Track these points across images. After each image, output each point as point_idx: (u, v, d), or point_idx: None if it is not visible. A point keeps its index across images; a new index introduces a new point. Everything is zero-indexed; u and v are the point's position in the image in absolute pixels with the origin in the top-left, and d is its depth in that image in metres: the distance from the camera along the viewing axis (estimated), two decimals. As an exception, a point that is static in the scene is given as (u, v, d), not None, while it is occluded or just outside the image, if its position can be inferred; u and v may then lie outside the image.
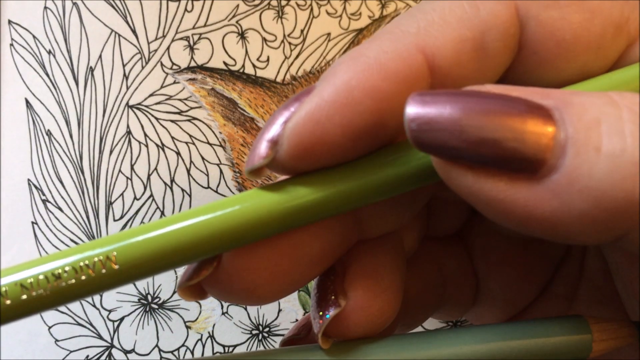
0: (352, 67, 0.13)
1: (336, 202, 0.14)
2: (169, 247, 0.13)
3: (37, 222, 0.28)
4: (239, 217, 0.13)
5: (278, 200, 0.14)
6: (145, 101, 0.29)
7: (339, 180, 0.14)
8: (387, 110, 0.13)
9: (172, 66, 0.30)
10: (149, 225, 0.13)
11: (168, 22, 0.30)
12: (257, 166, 0.14)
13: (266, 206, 0.14)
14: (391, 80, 0.13)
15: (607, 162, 0.11)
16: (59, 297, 0.13)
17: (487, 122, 0.12)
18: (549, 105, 0.12)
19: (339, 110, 0.13)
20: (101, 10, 0.29)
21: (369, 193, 0.14)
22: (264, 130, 0.14)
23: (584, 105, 0.12)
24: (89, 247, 0.13)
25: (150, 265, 0.13)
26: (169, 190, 0.29)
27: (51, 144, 0.29)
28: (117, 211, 0.29)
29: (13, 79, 0.29)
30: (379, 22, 0.32)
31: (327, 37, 0.31)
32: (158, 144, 0.29)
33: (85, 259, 0.13)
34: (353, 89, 0.13)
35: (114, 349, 0.28)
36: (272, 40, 0.31)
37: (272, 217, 0.14)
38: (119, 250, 0.13)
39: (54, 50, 0.29)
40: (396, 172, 0.14)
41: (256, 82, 0.30)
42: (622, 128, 0.11)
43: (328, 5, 0.31)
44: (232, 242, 0.14)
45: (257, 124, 0.30)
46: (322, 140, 0.13)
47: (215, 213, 0.13)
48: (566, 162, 0.11)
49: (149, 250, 0.13)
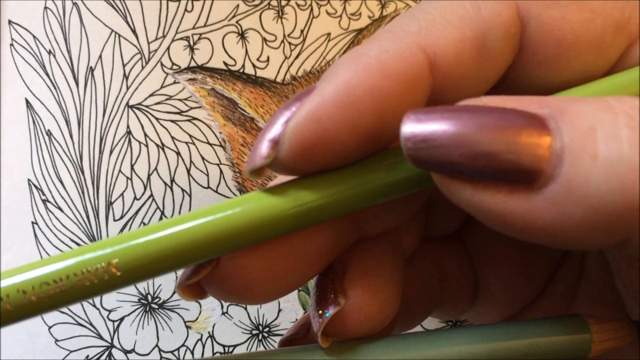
0: (353, 67, 0.13)
1: (337, 207, 0.14)
2: (171, 250, 0.13)
3: (37, 222, 0.28)
4: (239, 221, 0.13)
5: (279, 204, 0.14)
6: (145, 101, 0.29)
7: (340, 184, 0.14)
8: (388, 109, 0.13)
9: (172, 66, 0.30)
10: (149, 227, 0.13)
11: (168, 22, 0.30)
12: (258, 166, 0.14)
13: (267, 210, 0.14)
14: (392, 80, 0.13)
15: (604, 168, 0.11)
16: (60, 301, 0.13)
17: (482, 136, 0.12)
18: (544, 115, 0.12)
19: (340, 109, 0.13)
20: (101, 11, 0.30)
21: (370, 197, 0.14)
22: (265, 130, 0.14)
23: (579, 112, 0.12)
24: (91, 249, 0.13)
25: (151, 269, 0.13)
26: (169, 190, 0.29)
27: (51, 144, 0.29)
28: (117, 211, 0.29)
29: (13, 79, 0.29)
30: (378, 22, 0.32)
31: (327, 37, 0.31)
32: (158, 144, 0.29)
33: (87, 264, 0.13)
34: (354, 88, 0.13)
35: (114, 349, 0.28)
36: (272, 40, 0.31)
37: (272, 221, 0.14)
38: (120, 256, 0.13)
39: (54, 50, 0.29)
40: (396, 176, 0.14)
41: (256, 82, 0.30)
42: (619, 133, 0.11)
43: (328, 6, 0.31)
44: (231, 245, 0.14)
45: (257, 124, 0.30)
46: (323, 140, 0.13)
47: (216, 215, 0.13)
48: (563, 171, 0.11)
49: (151, 254, 0.13)
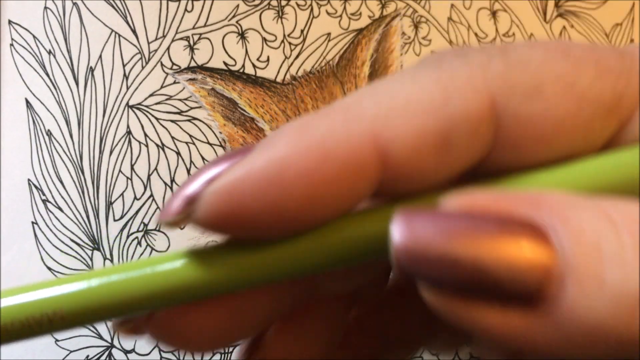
0: (293, 142, 0.12)
1: (271, 275, 0.13)
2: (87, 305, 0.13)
3: (37, 222, 0.28)
4: (171, 279, 0.13)
5: (213, 268, 0.13)
6: (146, 101, 0.29)
7: (279, 252, 0.13)
8: (322, 195, 0.12)
9: (172, 66, 0.30)
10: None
11: (168, 22, 0.30)
12: (169, 221, 0.13)
13: (197, 272, 0.13)
14: (331, 166, 0.12)
15: (611, 297, 0.10)
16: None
17: (478, 251, 0.11)
18: (544, 225, 0.11)
19: (265, 188, 0.12)
20: (101, 11, 0.30)
21: (303, 271, 0.13)
22: (185, 183, 0.13)
23: (582, 224, 0.11)
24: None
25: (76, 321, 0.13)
26: (169, 190, 0.29)
27: (51, 144, 0.29)
28: (117, 211, 0.29)
29: (13, 79, 0.29)
30: (379, 22, 0.32)
31: (327, 37, 0.31)
32: (158, 144, 0.29)
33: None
34: (287, 169, 0.12)
35: (114, 349, 0.28)
36: (272, 40, 0.31)
37: (202, 285, 0.13)
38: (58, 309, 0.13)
39: (54, 50, 0.29)
40: (331, 251, 0.13)
41: (256, 82, 0.30)
42: (624, 256, 0.10)
43: (328, 5, 0.31)
44: (157, 304, 0.13)
45: (257, 124, 0.30)
46: (240, 215, 0.12)
47: (131, 274, 0.13)
48: (566, 294, 0.10)
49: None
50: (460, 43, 0.33)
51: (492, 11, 0.33)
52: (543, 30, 0.34)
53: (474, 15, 0.33)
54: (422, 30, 0.33)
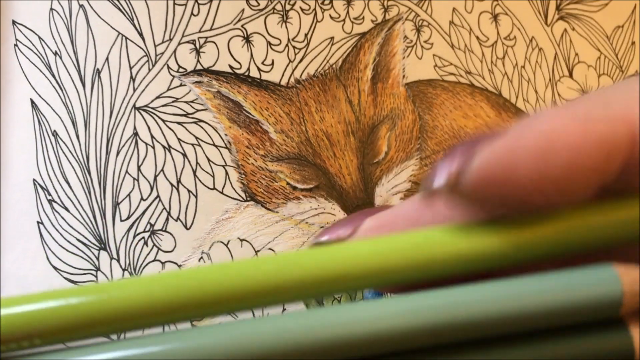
0: (559, 118, 0.13)
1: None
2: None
3: (43, 222, 0.28)
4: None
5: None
6: (152, 103, 0.30)
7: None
8: (582, 166, 0.13)
9: (178, 69, 0.30)
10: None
11: (174, 26, 0.30)
12: (443, 188, 0.14)
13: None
14: (592, 139, 0.13)
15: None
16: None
17: None
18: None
19: (537, 156, 0.13)
20: (108, 13, 0.30)
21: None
22: (451, 152, 0.14)
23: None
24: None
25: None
26: (175, 191, 0.29)
27: (57, 145, 0.29)
28: (124, 211, 0.29)
29: (17, 79, 0.29)
30: (381, 26, 0.33)
31: (331, 40, 0.32)
32: (164, 146, 0.29)
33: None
34: (557, 139, 0.13)
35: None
36: (276, 44, 0.31)
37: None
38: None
39: (60, 51, 0.29)
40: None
41: (261, 85, 0.31)
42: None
43: (331, 10, 0.32)
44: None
45: (262, 126, 0.30)
46: (510, 182, 0.13)
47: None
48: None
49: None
50: (462, 46, 0.34)
51: (494, 14, 0.34)
52: (544, 33, 0.35)
53: (476, 19, 0.34)
54: (424, 33, 0.33)
